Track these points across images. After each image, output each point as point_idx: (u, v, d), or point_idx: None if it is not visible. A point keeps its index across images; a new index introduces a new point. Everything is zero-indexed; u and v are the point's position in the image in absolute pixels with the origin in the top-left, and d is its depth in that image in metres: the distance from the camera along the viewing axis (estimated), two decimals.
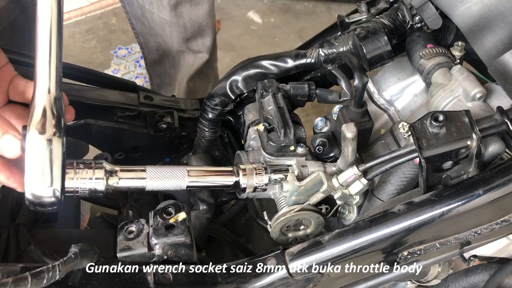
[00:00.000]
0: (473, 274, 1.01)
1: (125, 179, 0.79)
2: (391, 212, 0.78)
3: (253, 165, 0.86)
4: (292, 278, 0.79)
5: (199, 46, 1.83)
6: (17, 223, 1.03)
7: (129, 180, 0.79)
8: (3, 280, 0.64)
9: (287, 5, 3.14)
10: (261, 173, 0.85)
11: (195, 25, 1.74)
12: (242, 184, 0.85)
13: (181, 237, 0.78)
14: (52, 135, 0.69)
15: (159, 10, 1.68)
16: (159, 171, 0.81)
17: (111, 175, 0.78)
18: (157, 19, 1.72)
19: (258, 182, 0.85)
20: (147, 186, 0.80)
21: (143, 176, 0.80)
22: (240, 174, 0.85)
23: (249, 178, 0.85)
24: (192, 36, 1.78)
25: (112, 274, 0.76)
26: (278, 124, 0.92)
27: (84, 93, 1.05)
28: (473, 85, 0.90)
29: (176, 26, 1.72)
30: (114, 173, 0.78)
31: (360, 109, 0.92)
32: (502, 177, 0.76)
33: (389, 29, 0.96)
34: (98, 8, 3.11)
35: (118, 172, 0.79)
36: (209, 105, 1.01)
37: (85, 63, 2.77)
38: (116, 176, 0.78)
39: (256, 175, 0.85)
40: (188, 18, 1.71)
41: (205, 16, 1.73)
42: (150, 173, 0.80)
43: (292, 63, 0.98)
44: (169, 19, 1.70)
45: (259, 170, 0.85)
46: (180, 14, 1.69)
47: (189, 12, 1.69)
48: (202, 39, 1.82)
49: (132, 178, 0.80)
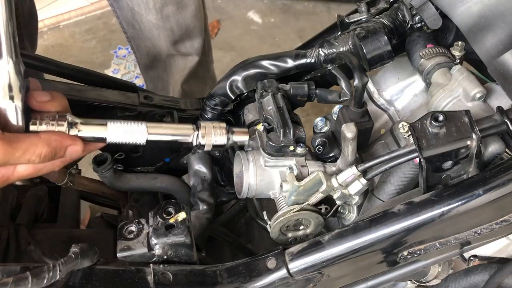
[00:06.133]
0: (473, 274, 1.01)
1: (86, 131, 0.83)
2: (391, 212, 0.78)
3: (213, 124, 0.91)
4: (292, 278, 0.79)
5: (188, 49, 1.84)
6: (17, 223, 1.03)
7: (90, 133, 0.83)
8: (3, 280, 0.64)
9: (287, 5, 3.14)
10: (220, 133, 0.91)
11: (182, 28, 1.75)
12: (201, 141, 0.89)
13: (181, 237, 0.78)
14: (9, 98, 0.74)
15: (147, 12, 1.69)
16: (120, 125, 0.85)
17: (72, 127, 0.82)
18: (145, 21, 1.73)
19: (217, 141, 0.90)
20: (108, 138, 0.84)
21: (103, 130, 0.84)
22: (199, 132, 0.89)
23: (208, 136, 0.89)
24: (180, 38, 1.79)
25: (112, 274, 0.76)
26: (278, 124, 0.92)
27: (84, 93, 1.05)
28: (473, 85, 0.90)
29: (163, 29, 1.73)
30: (74, 125, 0.82)
31: (360, 109, 0.92)
32: (502, 177, 0.76)
33: (389, 29, 0.96)
34: (98, 8, 3.11)
35: (78, 124, 0.82)
36: (209, 105, 1.01)
37: (85, 63, 2.77)
38: (76, 128, 0.82)
39: (214, 135, 0.90)
40: (175, 21, 1.71)
41: (191, 18, 1.74)
42: (111, 127, 0.84)
43: (292, 63, 0.98)
44: (156, 22, 1.71)
45: (218, 130, 0.91)
46: (167, 17, 1.70)
47: (176, 14, 1.70)
48: (190, 41, 1.82)
49: (92, 131, 0.83)
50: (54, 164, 0.82)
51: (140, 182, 1.06)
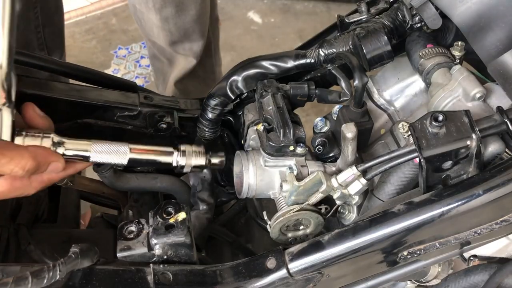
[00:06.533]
0: (473, 274, 1.01)
1: (71, 150, 0.85)
2: (391, 212, 0.78)
3: (192, 148, 0.95)
4: (292, 278, 0.79)
5: (186, 51, 1.84)
6: (17, 223, 1.03)
7: (75, 151, 0.86)
8: (3, 280, 0.64)
9: (287, 5, 3.14)
10: (199, 155, 0.95)
11: (181, 31, 1.75)
12: (180, 163, 0.94)
13: (181, 237, 0.78)
14: (2, 105, 0.76)
15: (147, 10, 1.70)
16: (103, 146, 0.88)
17: (59, 146, 0.84)
18: (147, 19, 1.74)
19: (196, 163, 0.95)
20: (91, 158, 0.87)
21: (87, 149, 0.86)
22: (179, 155, 0.94)
23: (188, 159, 0.94)
24: (179, 40, 1.79)
25: (112, 274, 0.76)
26: (278, 124, 0.92)
27: (84, 93, 1.05)
28: (473, 85, 0.90)
29: (162, 29, 1.74)
30: (61, 144, 0.84)
31: (360, 109, 0.92)
32: (502, 177, 0.76)
33: (389, 29, 0.96)
34: (98, 8, 3.11)
35: (65, 143, 0.85)
36: (209, 105, 1.01)
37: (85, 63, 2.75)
38: (62, 147, 0.84)
39: (194, 157, 0.95)
40: (173, 23, 1.72)
41: (191, 22, 1.74)
42: (95, 147, 0.87)
43: (292, 63, 0.98)
44: (156, 21, 1.71)
45: (197, 153, 0.95)
46: (165, 18, 1.70)
47: (175, 17, 1.70)
48: (189, 44, 1.82)
49: (77, 149, 0.86)
50: (31, 185, 0.82)
51: (140, 182, 1.06)
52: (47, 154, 0.82)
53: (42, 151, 0.82)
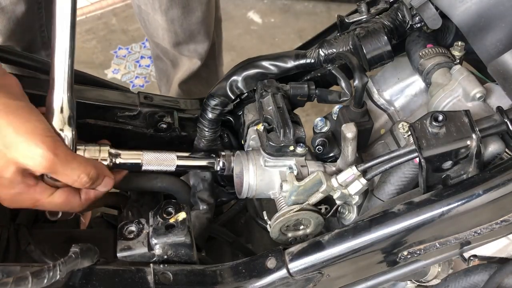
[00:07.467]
0: (473, 274, 1.01)
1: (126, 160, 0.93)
2: (391, 212, 0.79)
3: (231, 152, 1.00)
4: (292, 278, 0.79)
5: (191, 52, 1.84)
6: (17, 223, 1.03)
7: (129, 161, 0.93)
8: (3, 280, 0.64)
9: (287, 5, 3.14)
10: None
11: (186, 32, 1.75)
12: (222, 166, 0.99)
13: (181, 237, 0.78)
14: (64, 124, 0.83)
15: (153, 12, 1.69)
16: (153, 155, 0.95)
17: (116, 157, 0.91)
18: (152, 20, 1.73)
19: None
20: (144, 167, 0.95)
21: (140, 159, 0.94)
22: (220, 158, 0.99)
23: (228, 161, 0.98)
24: (184, 41, 1.79)
25: (112, 274, 0.76)
26: (278, 124, 0.92)
27: (84, 93, 1.05)
28: (473, 85, 0.90)
29: (167, 31, 1.73)
30: (118, 156, 0.92)
31: (360, 109, 0.92)
32: (502, 177, 0.76)
33: (389, 29, 0.96)
34: (98, 8, 3.11)
35: (121, 155, 0.92)
36: (209, 105, 1.01)
37: (85, 63, 2.77)
38: (120, 158, 0.92)
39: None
40: (179, 24, 1.71)
41: (197, 23, 1.74)
42: (146, 157, 0.94)
43: (292, 63, 0.98)
44: (161, 23, 1.71)
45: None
46: (171, 20, 1.70)
47: (181, 18, 1.70)
48: (194, 46, 1.82)
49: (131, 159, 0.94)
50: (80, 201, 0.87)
51: (140, 182, 1.06)
52: (104, 168, 0.88)
53: (100, 164, 0.88)
